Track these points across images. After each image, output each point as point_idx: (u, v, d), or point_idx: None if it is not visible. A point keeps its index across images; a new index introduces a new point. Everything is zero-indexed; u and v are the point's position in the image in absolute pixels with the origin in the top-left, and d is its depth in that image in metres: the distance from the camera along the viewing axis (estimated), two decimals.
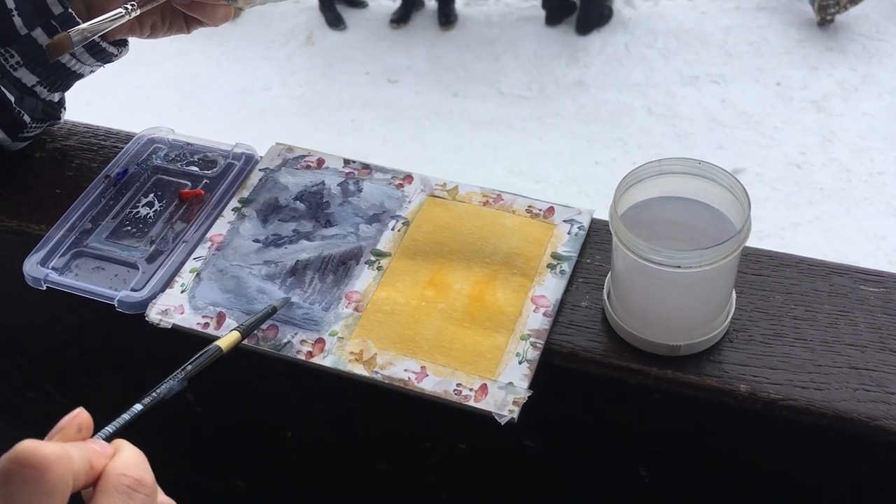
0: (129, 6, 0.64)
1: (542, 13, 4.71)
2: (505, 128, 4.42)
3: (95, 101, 4.10)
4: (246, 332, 0.57)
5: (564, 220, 0.67)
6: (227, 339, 0.55)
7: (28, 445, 0.32)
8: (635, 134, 4.26)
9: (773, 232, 3.53)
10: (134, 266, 0.66)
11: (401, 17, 4.77)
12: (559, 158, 4.24)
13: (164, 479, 0.90)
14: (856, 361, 0.57)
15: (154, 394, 0.46)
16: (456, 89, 4.59)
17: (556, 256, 0.64)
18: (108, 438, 0.40)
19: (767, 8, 4.63)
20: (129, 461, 0.37)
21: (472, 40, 4.77)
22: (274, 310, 0.61)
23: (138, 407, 0.44)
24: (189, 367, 0.51)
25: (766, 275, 0.63)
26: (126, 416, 0.43)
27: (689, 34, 4.64)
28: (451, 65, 4.69)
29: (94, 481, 0.35)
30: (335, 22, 4.81)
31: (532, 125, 4.41)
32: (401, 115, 4.46)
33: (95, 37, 0.65)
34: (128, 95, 4.33)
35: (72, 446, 0.35)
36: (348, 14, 4.86)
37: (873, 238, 3.51)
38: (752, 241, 0.57)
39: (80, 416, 0.37)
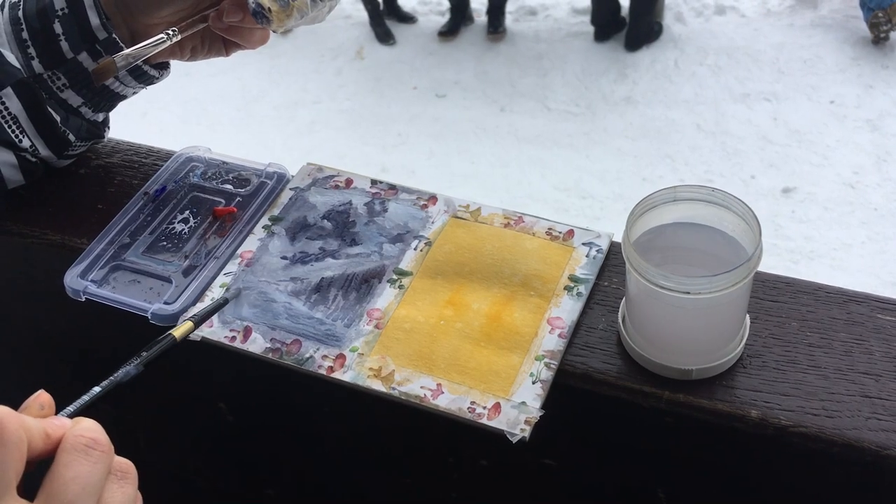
0: (170, 31, 0.68)
1: (590, 29, 4.71)
2: (552, 143, 4.42)
3: (151, 113, 4.23)
4: (198, 322, 0.61)
5: (583, 243, 0.68)
6: (180, 328, 0.59)
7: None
8: (684, 151, 4.23)
9: (824, 252, 3.47)
10: (168, 280, 0.69)
11: (450, 30, 4.82)
12: (606, 175, 4.23)
13: (195, 486, 0.94)
14: (869, 390, 0.58)
15: (112, 377, 0.50)
16: (503, 104, 4.62)
17: (573, 279, 0.66)
18: (70, 416, 0.44)
19: (821, 25, 4.57)
20: (85, 425, 0.40)
21: (520, 55, 4.79)
22: (225, 301, 0.65)
23: (97, 389, 0.48)
24: (144, 354, 0.54)
25: (782, 301, 0.64)
26: (85, 398, 0.47)
27: (741, 51, 4.59)
28: (499, 80, 4.72)
29: (53, 450, 0.39)
30: (385, 37, 4.88)
31: (579, 141, 4.40)
32: (447, 129, 4.49)
33: (138, 61, 0.68)
34: (182, 107, 4.46)
35: (28, 416, 0.39)
36: (398, 29, 4.93)
37: None
38: (804, 261, 0.59)
39: (41, 396, 0.42)
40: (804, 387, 0.58)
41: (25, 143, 0.72)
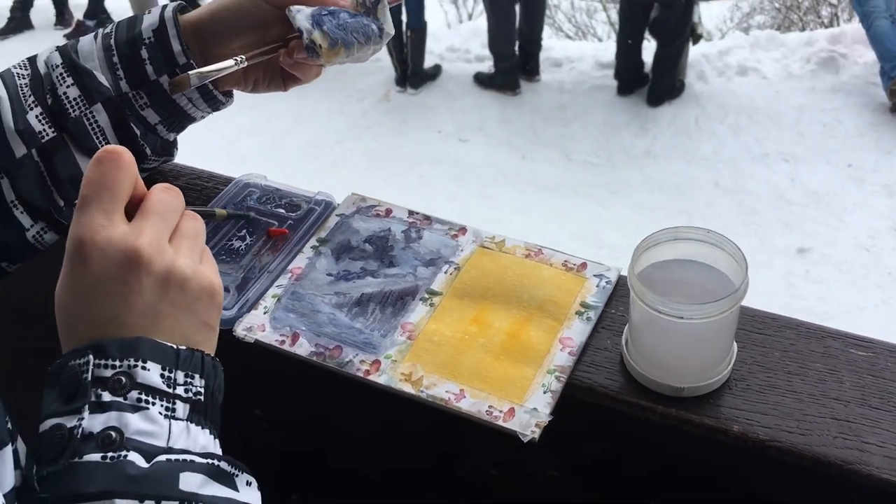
0: (238, 58, 0.78)
1: (614, 83, 4.86)
2: (571, 193, 4.53)
3: (181, 146, 4.38)
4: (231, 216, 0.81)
5: (595, 275, 0.78)
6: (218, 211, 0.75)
7: (110, 144, 0.49)
8: (701, 207, 4.33)
9: (837, 314, 3.54)
10: (226, 289, 0.80)
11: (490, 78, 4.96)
12: (623, 226, 4.32)
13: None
14: (838, 413, 0.67)
15: None
16: (525, 152, 4.74)
17: (584, 305, 0.76)
18: None
19: (842, 91, 4.69)
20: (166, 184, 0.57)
21: (544, 105, 4.94)
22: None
23: None
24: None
25: (767, 334, 0.73)
26: None
27: (762, 112, 4.72)
28: (522, 128, 4.86)
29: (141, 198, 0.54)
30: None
31: (598, 192, 4.51)
32: (469, 173, 4.62)
33: (208, 81, 0.79)
34: (210, 141, 4.60)
35: None
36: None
37: None
38: (817, 321, 0.69)
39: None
40: (781, 408, 0.68)
41: None
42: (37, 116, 0.80)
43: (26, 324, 0.49)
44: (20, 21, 6.14)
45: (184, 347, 0.53)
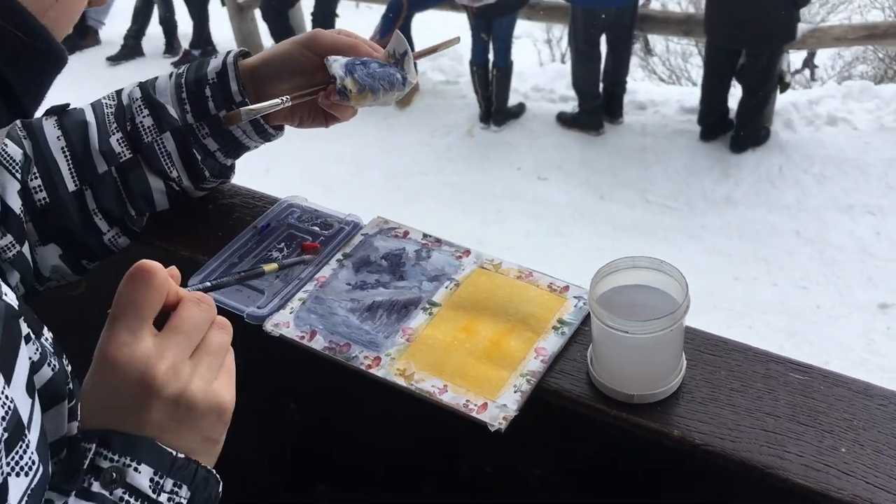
0: (283, 98, 0.94)
1: (697, 128, 4.91)
2: (647, 235, 4.58)
3: (274, 171, 4.66)
4: (282, 266, 0.88)
5: (574, 296, 0.90)
6: (269, 266, 0.84)
7: (145, 259, 0.60)
8: (780, 255, 4.32)
9: None
10: (262, 291, 0.95)
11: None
12: (697, 271, 4.33)
13: (252, 474, 1.17)
14: (768, 426, 0.77)
15: (217, 281, 0.74)
16: (603, 192, 4.83)
17: (561, 321, 0.88)
18: None
19: None
20: (199, 293, 0.64)
21: (625, 147, 5.02)
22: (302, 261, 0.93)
23: (207, 284, 0.71)
24: (242, 274, 0.80)
25: (717, 355, 0.84)
26: (199, 285, 0.70)
27: (849, 163, 4.68)
28: (602, 168, 4.95)
29: (176, 304, 0.62)
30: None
31: (674, 235, 4.55)
32: (546, 211, 4.73)
33: (258, 115, 0.95)
34: (302, 167, 4.88)
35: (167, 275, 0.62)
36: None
37: None
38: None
39: (174, 269, 0.64)
40: (718, 418, 0.78)
41: (174, 173, 1.00)
42: (117, 140, 0.98)
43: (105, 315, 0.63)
44: (132, 48, 6.64)
45: (181, 456, 0.59)
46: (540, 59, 7.93)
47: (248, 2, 6.15)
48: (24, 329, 0.59)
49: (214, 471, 0.63)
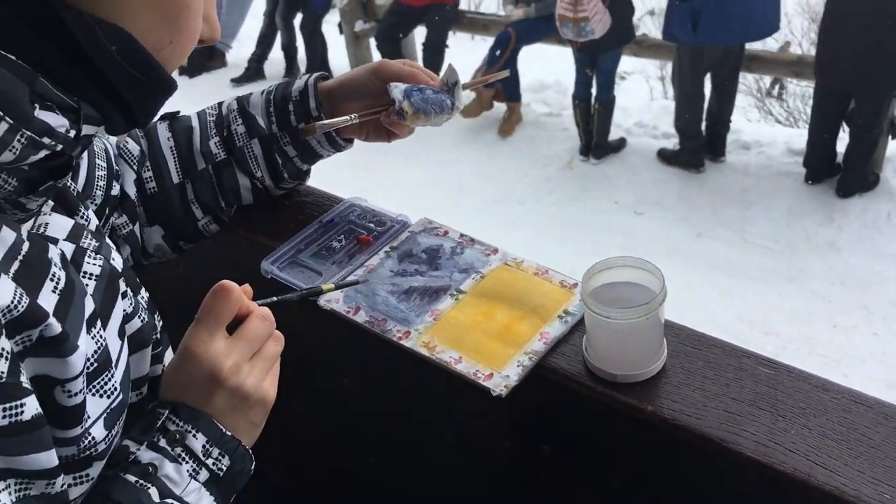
0: (351, 116, 1.12)
1: (802, 170, 4.88)
2: (743, 276, 4.58)
3: (375, 191, 4.91)
4: (337, 286, 1.02)
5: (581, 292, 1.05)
6: (326, 286, 0.99)
7: (226, 280, 0.79)
8: (883, 304, 4.25)
9: None
10: (320, 273, 1.14)
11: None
12: (795, 315, 4.31)
13: (308, 447, 1.36)
14: (729, 408, 0.89)
15: (283, 298, 0.90)
16: (700, 230, 4.85)
17: (566, 312, 1.03)
18: None
19: None
20: (265, 310, 0.82)
21: (726, 186, 5.04)
22: (355, 282, 1.08)
23: (273, 299, 0.88)
24: (304, 290, 0.96)
25: (697, 349, 0.97)
26: (265, 301, 0.87)
27: None
28: (700, 206, 4.97)
29: (246, 315, 0.80)
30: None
31: (772, 277, 4.53)
32: (641, 245, 4.79)
33: (331, 129, 1.14)
34: (402, 189, 5.12)
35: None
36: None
37: None
38: None
39: (246, 287, 0.82)
40: (688, 399, 0.91)
41: (259, 174, 1.20)
42: (215, 143, 1.19)
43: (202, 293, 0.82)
44: (255, 71, 7.13)
45: (229, 433, 0.76)
46: (652, 94, 7.97)
47: (364, 30, 6.52)
48: (123, 287, 0.79)
49: (251, 451, 0.80)
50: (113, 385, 0.73)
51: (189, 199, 1.19)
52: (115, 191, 1.09)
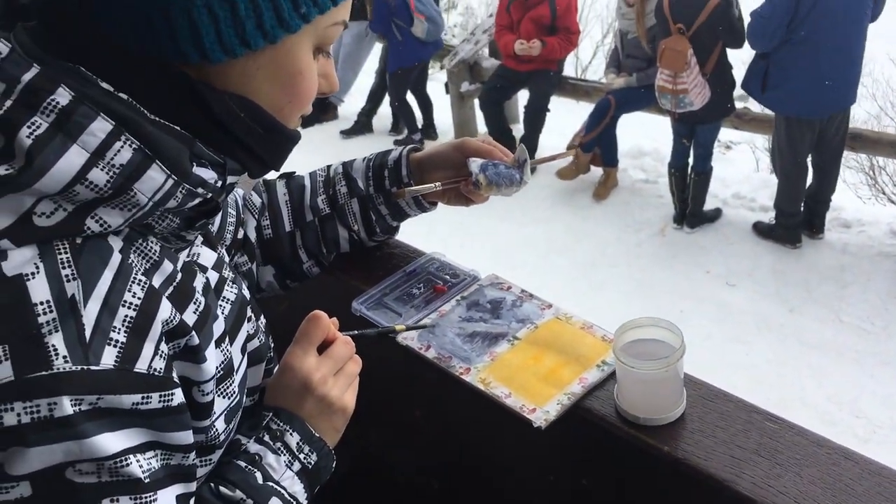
0: (436, 184, 1.35)
1: None
2: (836, 355, 4.57)
3: (467, 246, 5.16)
4: (408, 327, 1.24)
5: None
6: (399, 326, 1.20)
7: (318, 311, 1.03)
8: None
9: None
10: (399, 314, 1.36)
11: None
12: (889, 400, 4.27)
13: (378, 467, 1.59)
14: (735, 453, 1.06)
15: (364, 332, 1.12)
16: (793, 306, 4.87)
17: (603, 362, 1.22)
18: None
19: None
20: (348, 337, 1.05)
21: (822, 263, 5.05)
22: (424, 326, 1.28)
23: (355, 332, 1.10)
24: (381, 328, 1.18)
25: (714, 402, 1.14)
26: (348, 333, 1.09)
27: None
28: (795, 281, 5.00)
29: (333, 341, 1.03)
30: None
31: (867, 359, 4.50)
32: (730, 317, 4.84)
33: (418, 194, 1.37)
34: (493, 246, 5.34)
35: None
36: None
37: None
38: None
39: (334, 319, 1.06)
40: (700, 443, 1.08)
41: (356, 227, 1.44)
42: (321, 199, 1.44)
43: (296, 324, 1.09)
44: (364, 125, 7.56)
45: (317, 435, 0.97)
46: (758, 166, 7.97)
47: (470, 92, 6.85)
48: (248, 313, 1.03)
49: (334, 451, 1.00)
50: (233, 389, 0.96)
51: (297, 245, 1.43)
52: (240, 235, 1.34)
